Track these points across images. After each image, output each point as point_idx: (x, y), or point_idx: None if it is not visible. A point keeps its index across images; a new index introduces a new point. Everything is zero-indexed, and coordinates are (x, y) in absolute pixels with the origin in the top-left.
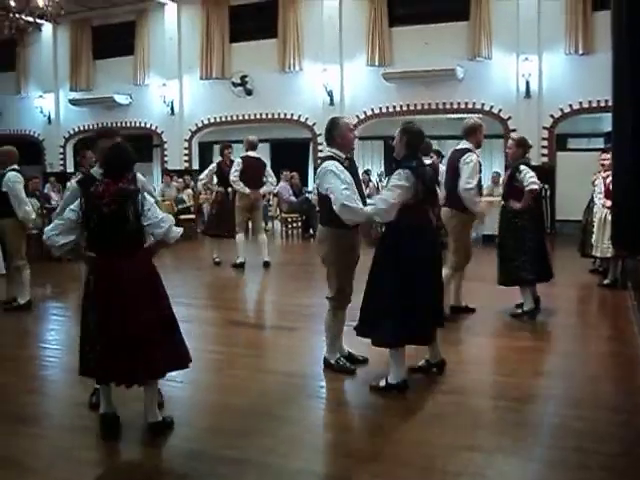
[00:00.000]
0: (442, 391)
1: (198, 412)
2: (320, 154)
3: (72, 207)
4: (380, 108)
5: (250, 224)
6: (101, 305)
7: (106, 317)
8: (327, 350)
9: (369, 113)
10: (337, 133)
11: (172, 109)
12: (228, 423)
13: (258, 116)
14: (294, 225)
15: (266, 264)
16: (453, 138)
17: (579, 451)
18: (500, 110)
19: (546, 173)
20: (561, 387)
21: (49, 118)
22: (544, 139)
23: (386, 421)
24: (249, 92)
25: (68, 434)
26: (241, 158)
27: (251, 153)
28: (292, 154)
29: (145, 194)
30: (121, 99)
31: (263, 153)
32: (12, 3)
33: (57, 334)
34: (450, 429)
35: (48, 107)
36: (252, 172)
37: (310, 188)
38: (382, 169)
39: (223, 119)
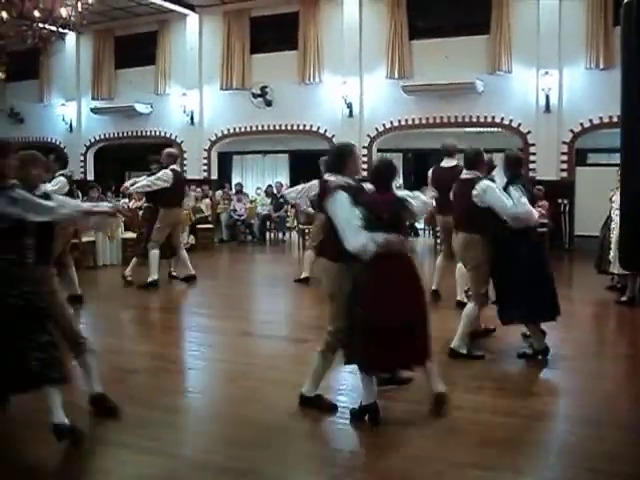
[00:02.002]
0: (455, 407)
1: (209, 422)
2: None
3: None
4: (399, 121)
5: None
6: None
7: None
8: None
9: (388, 126)
10: (351, 159)
11: (192, 119)
12: (238, 434)
13: (277, 127)
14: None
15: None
16: None
17: (592, 471)
18: (520, 124)
19: (565, 188)
20: (576, 405)
21: (71, 126)
22: (564, 154)
23: (398, 436)
24: (269, 103)
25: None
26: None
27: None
28: (311, 165)
29: None
30: (142, 108)
31: (282, 164)
32: (36, 13)
33: None
34: (461, 446)
35: (70, 115)
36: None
37: None
38: (400, 182)
39: (242, 129)
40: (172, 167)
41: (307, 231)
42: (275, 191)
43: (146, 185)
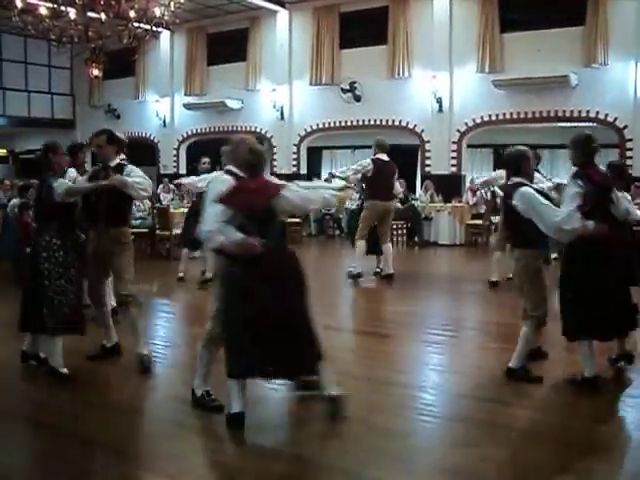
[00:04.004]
0: (537, 408)
1: (288, 415)
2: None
3: None
4: (489, 116)
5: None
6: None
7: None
8: (517, 360)
9: (478, 121)
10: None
11: (282, 114)
12: (313, 426)
13: (366, 122)
14: (399, 232)
15: (389, 276)
16: (565, 147)
17: None
18: (615, 119)
19: None
20: None
21: (164, 121)
22: None
23: (478, 436)
24: (358, 98)
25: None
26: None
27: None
28: (399, 160)
29: None
30: (233, 104)
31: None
32: (132, 13)
33: (162, 330)
34: (543, 449)
35: (164, 111)
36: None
37: (417, 195)
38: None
39: (332, 125)
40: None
41: (395, 226)
42: (364, 186)
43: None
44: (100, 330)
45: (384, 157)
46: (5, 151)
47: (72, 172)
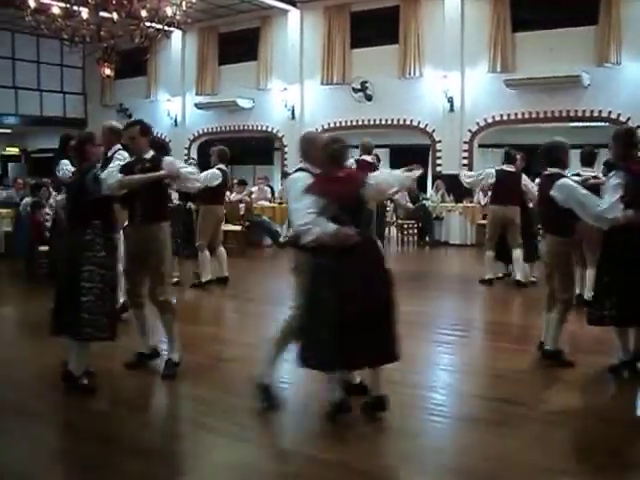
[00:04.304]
0: (549, 411)
1: (299, 414)
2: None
3: None
4: (501, 115)
5: None
6: None
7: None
8: (552, 343)
9: (490, 120)
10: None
11: (293, 113)
12: (329, 427)
13: (378, 122)
14: (410, 232)
15: None
16: (577, 147)
17: None
18: (629, 118)
19: None
20: None
21: (175, 121)
22: None
23: (489, 436)
24: (369, 98)
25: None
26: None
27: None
28: (411, 160)
29: None
30: (244, 103)
31: (381, 158)
32: (143, 13)
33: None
34: (553, 451)
35: (175, 110)
36: None
37: (428, 195)
38: None
39: (343, 124)
40: (219, 166)
41: (406, 226)
42: None
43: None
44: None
45: (367, 158)
46: (18, 150)
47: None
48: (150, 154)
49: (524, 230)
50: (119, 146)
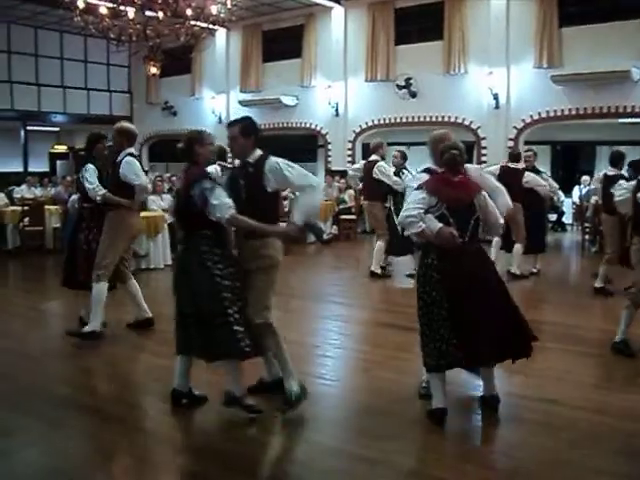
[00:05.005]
0: (594, 410)
1: (343, 411)
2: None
3: None
4: (547, 112)
5: None
6: None
7: None
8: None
9: (535, 117)
10: None
11: (337, 110)
12: (370, 423)
13: (422, 119)
14: None
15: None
16: (626, 143)
17: None
18: None
19: None
20: None
21: (220, 118)
22: None
23: (533, 437)
24: (413, 94)
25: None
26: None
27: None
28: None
29: None
30: (288, 100)
31: (426, 156)
32: (189, 11)
33: None
34: (599, 452)
35: (219, 108)
36: None
37: None
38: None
39: (387, 121)
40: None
41: None
42: None
43: None
44: None
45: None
46: (66, 148)
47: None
48: (255, 156)
49: (529, 222)
50: (130, 150)
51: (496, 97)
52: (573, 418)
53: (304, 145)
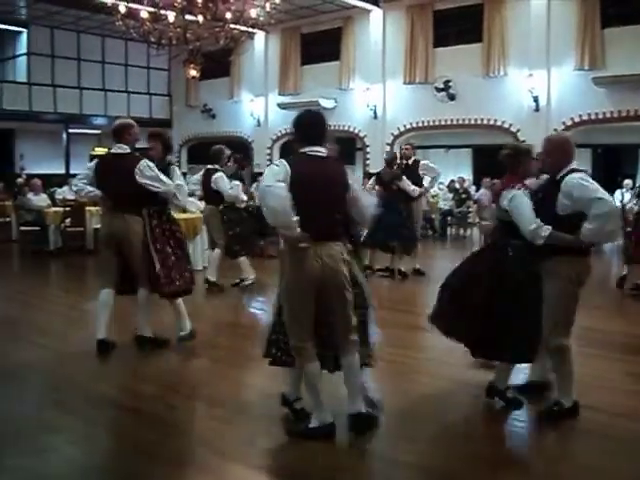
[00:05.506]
0: (632, 416)
1: (382, 415)
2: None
3: None
4: (588, 114)
5: None
6: None
7: None
8: None
9: (576, 120)
10: None
11: (375, 113)
12: (409, 428)
13: (460, 121)
14: None
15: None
16: None
17: None
18: None
19: None
20: None
21: (258, 121)
22: None
23: (568, 443)
24: (452, 97)
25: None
26: None
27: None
28: (493, 160)
29: None
30: (326, 103)
31: (464, 159)
32: (228, 15)
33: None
34: (630, 458)
35: (258, 111)
36: None
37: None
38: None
39: (425, 124)
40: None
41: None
42: (457, 186)
43: None
44: None
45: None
46: (106, 150)
47: None
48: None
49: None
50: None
51: (536, 99)
52: (611, 425)
53: (342, 148)
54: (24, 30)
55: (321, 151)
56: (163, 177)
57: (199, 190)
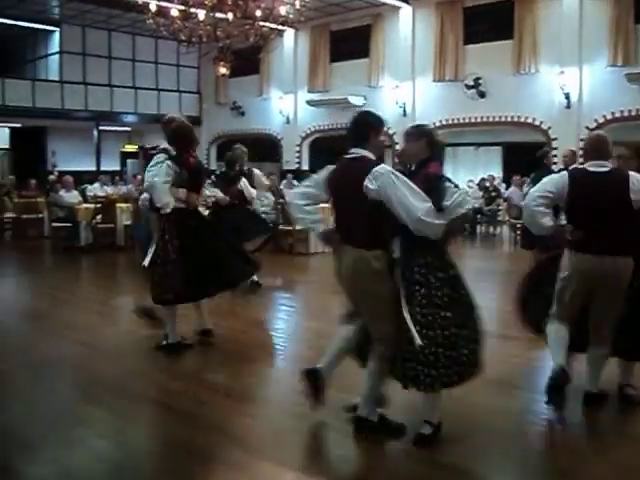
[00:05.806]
0: None
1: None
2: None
3: None
4: (621, 112)
5: None
6: None
7: None
8: None
9: (609, 117)
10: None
11: (404, 111)
12: (447, 430)
13: (491, 119)
14: (517, 232)
15: None
16: None
17: None
18: None
19: None
20: None
21: (287, 118)
22: None
23: (605, 440)
24: (482, 94)
25: (284, 417)
26: None
27: None
28: (524, 158)
29: None
30: (355, 100)
31: (494, 156)
32: (258, 12)
33: (284, 323)
34: None
35: (287, 108)
36: None
37: None
38: None
39: (455, 121)
40: None
41: (518, 225)
42: (487, 184)
43: None
44: None
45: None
46: (136, 147)
47: None
48: None
49: None
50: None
51: (568, 96)
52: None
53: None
54: (56, 29)
55: (355, 153)
56: None
57: None
